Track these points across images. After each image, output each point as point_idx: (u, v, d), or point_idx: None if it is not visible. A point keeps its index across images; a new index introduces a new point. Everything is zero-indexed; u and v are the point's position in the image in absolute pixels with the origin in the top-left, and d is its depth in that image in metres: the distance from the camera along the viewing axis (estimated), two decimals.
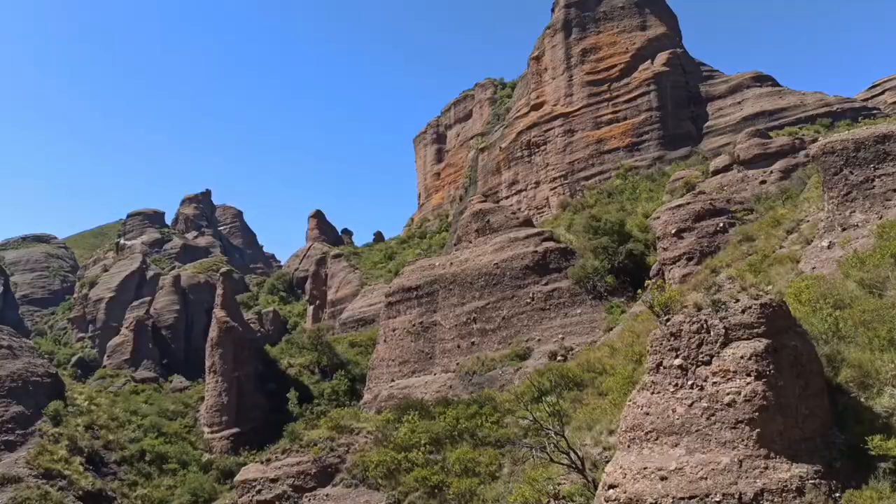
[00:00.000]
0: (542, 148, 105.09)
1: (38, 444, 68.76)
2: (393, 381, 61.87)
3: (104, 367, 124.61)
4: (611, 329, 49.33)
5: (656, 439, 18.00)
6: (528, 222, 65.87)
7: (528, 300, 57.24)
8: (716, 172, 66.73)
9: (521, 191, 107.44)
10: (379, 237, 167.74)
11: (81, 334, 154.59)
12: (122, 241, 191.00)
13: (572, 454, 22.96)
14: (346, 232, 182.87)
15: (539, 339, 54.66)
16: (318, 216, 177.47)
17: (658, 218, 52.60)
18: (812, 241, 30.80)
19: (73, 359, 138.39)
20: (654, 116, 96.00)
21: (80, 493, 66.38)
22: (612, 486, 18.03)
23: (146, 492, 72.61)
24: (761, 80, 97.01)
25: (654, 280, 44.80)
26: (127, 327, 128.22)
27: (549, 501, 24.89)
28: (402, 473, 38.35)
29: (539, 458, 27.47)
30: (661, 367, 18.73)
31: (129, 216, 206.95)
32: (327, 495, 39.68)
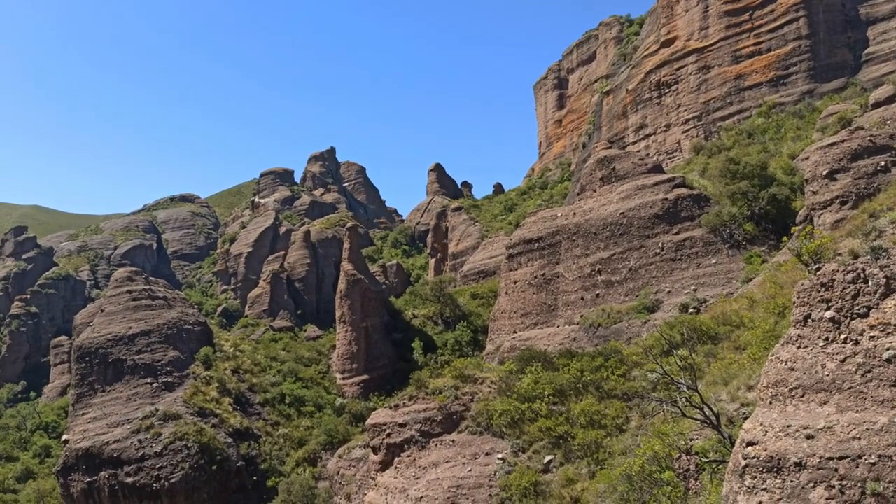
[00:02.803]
0: (674, 88, 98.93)
1: (192, 386, 74.66)
2: (515, 332, 61.68)
3: (246, 316, 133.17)
4: (749, 280, 46.25)
5: (802, 396, 16.46)
6: (657, 168, 62.55)
7: (658, 250, 54.72)
8: (877, 105, 59.77)
9: (649, 135, 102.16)
10: (499, 189, 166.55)
11: (225, 286, 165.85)
12: (256, 199, 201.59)
13: (706, 409, 21.61)
14: (466, 184, 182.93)
15: (669, 291, 52.32)
16: (438, 169, 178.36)
17: (807, 158, 48.18)
18: None
19: (219, 309, 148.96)
20: (804, 46, 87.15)
21: (230, 430, 71.77)
22: (750, 444, 16.70)
23: (287, 431, 77.50)
24: None
25: (801, 226, 41.37)
26: (264, 280, 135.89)
27: (679, 456, 23.80)
28: (525, 423, 38.25)
29: (669, 412, 26.25)
30: (810, 320, 17.01)
31: (261, 175, 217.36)
32: (453, 441, 40.31)
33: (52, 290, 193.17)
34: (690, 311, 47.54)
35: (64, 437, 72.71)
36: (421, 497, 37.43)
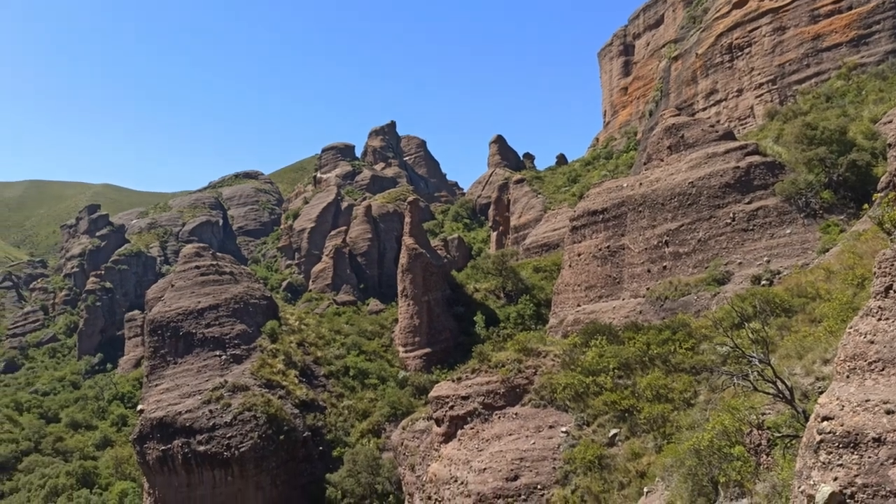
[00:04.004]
0: (747, 51, 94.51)
1: (259, 358, 76.46)
2: (579, 305, 60.80)
3: (309, 290, 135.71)
4: (826, 250, 44.13)
5: (882, 370, 15.47)
6: (728, 135, 60.08)
7: (728, 220, 52.75)
8: None
9: (720, 101, 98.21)
10: (562, 160, 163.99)
11: (289, 261, 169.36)
12: (318, 175, 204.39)
13: (779, 383, 20.67)
14: (528, 156, 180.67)
15: (740, 263, 50.50)
16: (499, 141, 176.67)
17: (890, 122, 45.39)
18: None
19: (283, 283, 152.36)
20: (888, 2, 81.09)
21: (296, 401, 73.39)
22: (826, 419, 15.83)
23: (351, 403, 78.85)
24: None
25: (883, 193, 39.02)
26: (327, 255, 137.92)
27: (750, 431, 22.89)
28: (590, 396, 37.68)
29: (740, 386, 25.37)
30: (892, 291, 15.89)
31: (323, 150, 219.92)
32: (516, 414, 40.09)
33: (125, 265, 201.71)
34: (763, 282, 45.87)
35: (139, 407, 75.63)
36: (484, 469, 37.45)
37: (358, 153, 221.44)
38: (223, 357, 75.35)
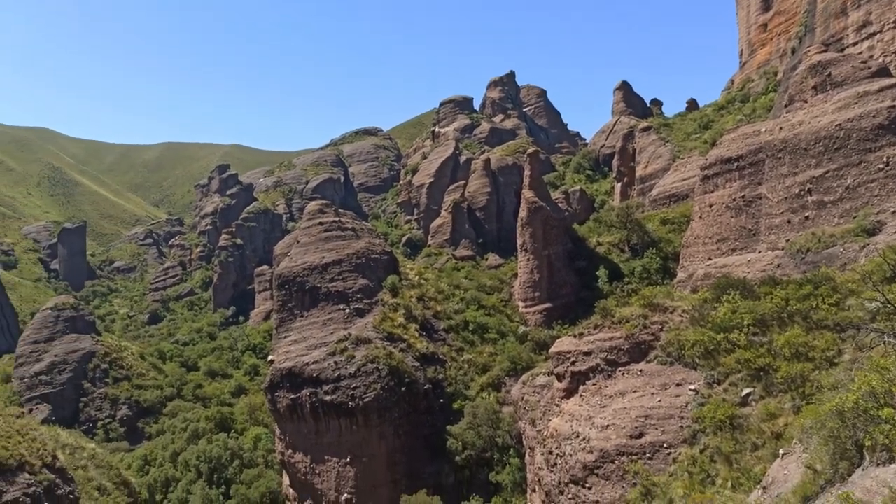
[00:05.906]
0: None
1: (380, 312, 78.24)
2: (710, 259, 57.73)
3: (429, 245, 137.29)
4: None
5: None
6: (883, 72, 54.02)
7: (881, 166, 47.69)
8: None
9: (874, 34, 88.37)
10: (692, 105, 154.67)
11: (408, 217, 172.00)
12: (436, 129, 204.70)
13: None
14: (656, 102, 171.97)
15: (893, 211, 45.77)
16: (624, 88, 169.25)
17: None
18: None
19: (403, 239, 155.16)
20: None
21: (417, 354, 74.78)
22: None
23: (471, 357, 79.55)
24: None
25: None
26: (446, 209, 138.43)
27: None
28: (721, 354, 35.63)
29: (891, 344, 22.93)
30: None
31: (441, 104, 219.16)
32: (641, 371, 38.74)
33: (254, 223, 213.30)
34: None
35: (269, 358, 79.80)
36: (608, 425, 36.51)
37: (476, 106, 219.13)
38: (347, 311, 77.62)
